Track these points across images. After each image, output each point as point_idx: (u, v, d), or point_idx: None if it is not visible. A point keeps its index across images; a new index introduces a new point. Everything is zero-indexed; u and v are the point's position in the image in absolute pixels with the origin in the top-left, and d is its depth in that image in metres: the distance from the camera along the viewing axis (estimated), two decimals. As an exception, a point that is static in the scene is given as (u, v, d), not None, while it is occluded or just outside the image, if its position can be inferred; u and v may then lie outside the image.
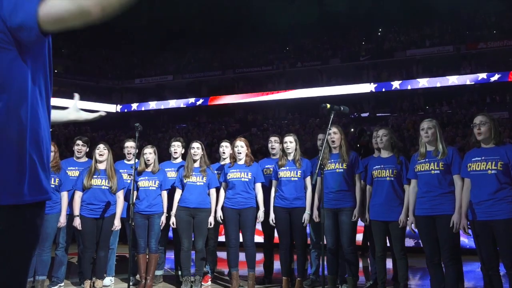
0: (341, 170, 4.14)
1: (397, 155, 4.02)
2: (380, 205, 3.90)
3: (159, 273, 4.91)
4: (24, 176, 1.17)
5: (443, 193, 3.48)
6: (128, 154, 4.93)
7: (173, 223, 4.50)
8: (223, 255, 5.40)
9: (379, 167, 3.99)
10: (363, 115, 23.23)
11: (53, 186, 4.26)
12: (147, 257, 4.54)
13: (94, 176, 4.37)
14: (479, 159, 3.27)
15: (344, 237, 4.07)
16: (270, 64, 27.23)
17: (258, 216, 4.45)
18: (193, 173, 4.55)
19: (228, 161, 4.80)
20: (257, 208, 4.49)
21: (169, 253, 5.25)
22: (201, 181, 4.54)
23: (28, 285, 4.07)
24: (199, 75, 28.31)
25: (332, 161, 4.18)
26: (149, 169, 4.63)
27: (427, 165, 3.58)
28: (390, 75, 24.13)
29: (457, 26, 24.57)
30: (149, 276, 4.43)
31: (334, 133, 4.20)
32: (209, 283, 4.81)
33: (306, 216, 4.32)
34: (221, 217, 4.49)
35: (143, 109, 28.53)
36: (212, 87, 28.06)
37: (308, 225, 4.44)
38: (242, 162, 4.56)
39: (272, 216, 4.43)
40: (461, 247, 3.62)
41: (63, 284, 4.54)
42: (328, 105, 3.26)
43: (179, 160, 5.00)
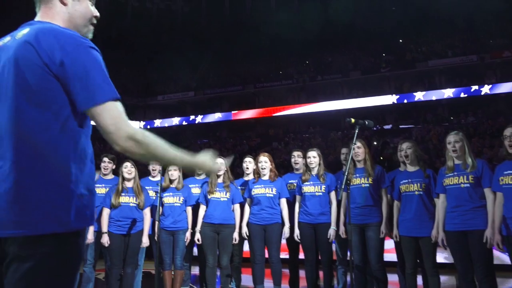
0: (367, 184, 4.08)
1: (423, 169, 3.93)
2: (410, 221, 3.79)
3: (184, 289, 4.91)
4: (70, 203, 1.23)
5: (474, 207, 3.38)
6: (153, 170, 5.00)
7: (198, 240, 4.51)
8: (248, 271, 5.37)
9: (407, 181, 3.90)
10: (386, 127, 22.91)
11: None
12: (173, 273, 4.56)
13: (122, 193, 4.44)
14: (512, 172, 3.17)
15: (371, 253, 3.98)
16: (290, 78, 27.31)
17: (283, 232, 4.42)
18: (217, 189, 4.57)
19: (251, 176, 4.81)
20: (283, 223, 4.46)
21: (194, 269, 5.25)
22: (225, 197, 4.56)
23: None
24: (219, 90, 28.61)
25: (357, 175, 4.14)
26: (174, 185, 4.68)
27: (456, 179, 3.49)
28: (412, 86, 23.79)
29: (479, 35, 24.14)
30: (175, 292, 4.44)
31: (358, 147, 4.16)
32: (235, 300, 4.78)
33: (331, 231, 4.27)
34: (246, 233, 4.48)
35: (166, 125, 28.96)
36: (233, 102, 28.29)
37: (333, 241, 4.38)
38: (266, 177, 4.56)
39: (297, 232, 4.40)
40: (495, 263, 3.49)
41: (91, 300, 4.59)
42: (352, 120, 3.25)
43: (203, 176, 5.04)
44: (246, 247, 4.88)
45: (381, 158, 16.84)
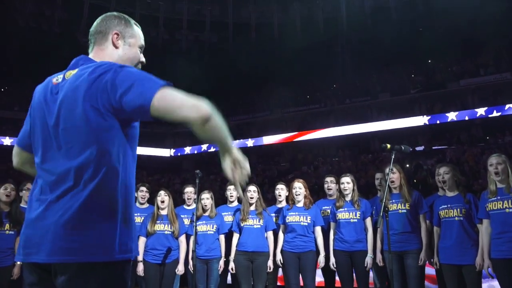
0: (404, 210, 3.98)
1: (463, 194, 3.79)
2: (451, 247, 3.65)
3: (218, 318, 4.85)
4: (117, 234, 1.28)
5: (521, 233, 3.22)
6: (188, 199, 5.05)
7: (232, 268, 4.48)
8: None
9: (446, 206, 3.77)
10: (418, 149, 22.35)
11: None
12: (208, 302, 4.52)
13: (157, 221, 4.51)
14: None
15: (411, 282, 3.83)
16: (318, 102, 27.32)
17: (319, 261, 4.34)
18: (250, 216, 4.57)
19: (284, 203, 4.78)
20: (317, 251, 4.38)
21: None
22: (258, 224, 4.54)
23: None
24: (247, 116, 28.93)
25: (393, 201, 4.04)
26: (207, 214, 4.72)
27: (500, 203, 3.35)
28: (444, 107, 23.26)
29: (511, 53, 23.52)
30: (210, 322, 4.39)
31: (392, 173, 4.07)
32: (270, 330, 4.67)
33: (368, 259, 4.15)
34: (280, 260, 4.42)
35: (196, 152, 29.38)
36: (260, 128, 28.48)
37: (371, 268, 4.25)
38: (301, 204, 4.53)
39: (332, 260, 4.30)
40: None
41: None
42: (388, 145, 3.20)
43: (235, 203, 5.05)
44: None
45: (415, 181, 16.38)
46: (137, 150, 2.15)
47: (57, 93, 1.41)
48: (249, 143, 27.55)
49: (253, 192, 4.65)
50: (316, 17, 28.92)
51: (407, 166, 17.85)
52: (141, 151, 24.37)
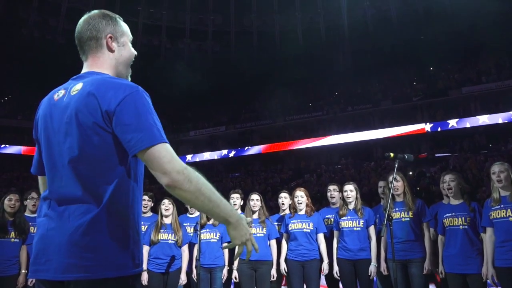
0: (407, 219, 3.97)
1: (467, 202, 3.79)
2: (455, 256, 3.63)
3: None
4: (128, 249, 1.30)
5: (525, 241, 3.22)
6: (190, 207, 5.06)
7: (236, 277, 4.48)
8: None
9: (450, 215, 3.76)
10: (420, 156, 22.32)
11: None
12: (211, 311, 4.51)
13: (161, 230, 4.51)
14: None
15: (416, 291, 3.82)
16: (320, 110, 27.39)
17: (322, 268, 4.33)
18: (253, 225, 4.57)
19: (287, 211, 4.79)
20: (321, 259, 4.38)
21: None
22: (261, 232, 4.54)
23: None
24: (250, 124, 29.00)
25: (396, 209, 4.04)
26: (210, 222, 4.72)
27: (504, 212, 3.35)
28: (446, 114, 23.27)
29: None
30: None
31: (396, 181, 4.07)
32: None
33: (372, 268, 4.14)
34: (285, 269, 4.42)
35: (197, 160, 29.40)
36: (263, 136, 28.52)
37: (375, 277, 4.24)
38: (303, 212, 4.53)
39: (336, 268, 4.29)
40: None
41: None
42: (391, 154, 3.21)
43: (239, 212, 5.06)
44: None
45: (418, 188, 16.33)
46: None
47: (61, 109, 1.39)
48: (252, 150, 27.56)
49: (256, 200, 4.66)
50: (317, 25, 29.10)
51: (410, 173, 17.83)
52: (144, 159, 24.36)
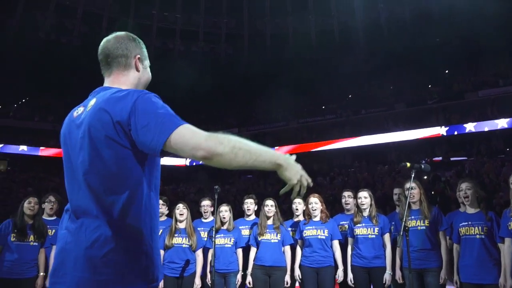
0: (423, 227, 3.94)
1: (484, 211, 3.74)
2: (472, 266, 3.59)
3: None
4: (140, 265, 1.33)
5: (545, 253, 3.16)
6: (204, 212, 5.09)
7: (250, 283, 4.49)
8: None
9: (466, 223, 3.72)
10: (435, 159, 22.01)
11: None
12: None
13: (175, 235, 4.55)
14: None
15: (432, 300, 3.78)
16: (333, 112, 27.25)
17: (337, 275, 4.32)
18: (267, 231, 4.58)
19: (301, 217, 4.78)
20: (336, 266, 4.36)
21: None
22: (275, 238, 4.55)
23: None
24: (263, 126, 29.00)
25: (412, 217, 4.00)
26: (225, 227, 4.74)
27: (523, 222, 3.29)
28: (462, 118, 22.91)
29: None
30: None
31: (412, 189, 4.04)
32: None
33: (387, 276, 4.11)
34: (299, 275, 4.41)
35: (211, 162, 29.48)
36: (276, 138, 28.50)
37: (390, 286, 4.20)
38: (317, 218, 4.52)
39: (350, 275, 4.27)
40: None
41: None
42: (408, 164, 3.19)
43: (253, 217, 5.07)
44: None
45: (432, 192, 16.10)
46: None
47: (77, 125, 1.44)
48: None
49: (270, 206, 4.67)
50: (331, 27, 29.00)
51: (425, 177, 17.59)
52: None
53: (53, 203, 4.77)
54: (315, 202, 4.56)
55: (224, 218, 4.73)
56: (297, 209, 4.88)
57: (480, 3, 21.14)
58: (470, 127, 21.85)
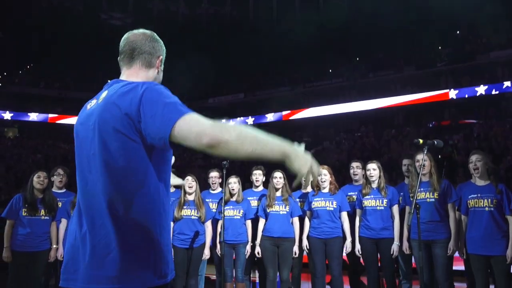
0: (432, 199, 3.93)
1: (494, 183, 3.70)
2: (480, 238, 3.61)
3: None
4: (148, 261, 1.33)
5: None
6: (212, 184, 5.12)
7: (258, 253, 4.57)
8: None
9: (476, 196, 3.71)
10: (443, 123, 21.80)
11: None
12: (234, 286, 4.65)
13: (184, 207, 4.59)
14: None
15: (439, 271, 3.83)
16: (340, 76, 26.81)
17: (345, 246, 4.37)
18: (276, 202, 4.60)
19: (309, 189, 4.79)
20: (344, 237, 4.41)
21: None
22: (284, 210, 4.57)
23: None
24: (269, 91, 28.69)
25: (422, 189, 3.98)
26: (234, 199, 4.77)
27: (534, 195, 3.26)
28: (472, 80, 22.43)
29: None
30: (237, 304, 4.54)
31: (423, 160, 3.99)
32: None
33: (395, 247, 4.16)
34: (307, 246, 4.48)
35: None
36: (282, 103, 28.27)
37: (397, 256, 4.25)
38: (326, 190, 4.53)
39: (358, 246, 4.33)
40: None
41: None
42: (420, 141, 3.14)
43: (261, 188, 5.08)
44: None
45: (439, 156, 16.04)
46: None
47: (89, 118, 1.43)
48: (269, 117, 27.46)
49: (279, 178, 4.66)
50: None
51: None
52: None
53: (62, 176, 4.81)
54: (324, 173, 4.55)
55: (233, 189, 4.75)
56: (304, 180, 4.87)
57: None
58: (481, 90, 21.40)
